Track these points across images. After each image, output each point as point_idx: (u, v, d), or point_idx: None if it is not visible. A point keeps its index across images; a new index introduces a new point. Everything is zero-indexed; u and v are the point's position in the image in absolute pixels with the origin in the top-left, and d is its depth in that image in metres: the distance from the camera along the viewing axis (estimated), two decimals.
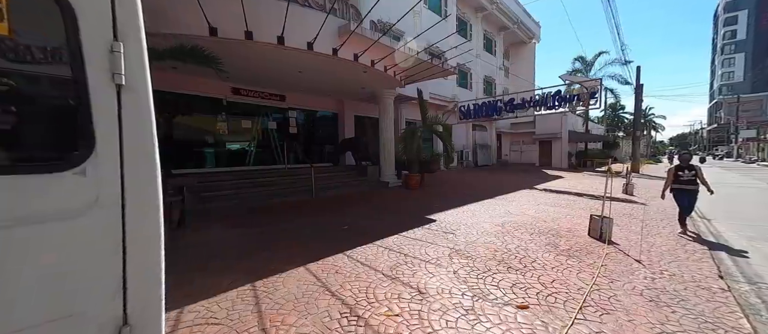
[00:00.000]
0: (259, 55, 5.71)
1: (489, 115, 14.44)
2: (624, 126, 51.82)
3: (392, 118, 9.90)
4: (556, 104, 12.14)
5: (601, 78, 11.65)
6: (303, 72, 7.03)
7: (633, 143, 19.90)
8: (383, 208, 6.54)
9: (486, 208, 6.55)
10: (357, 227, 4.88)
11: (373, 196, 8.01)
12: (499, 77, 22.03)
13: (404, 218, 5.50)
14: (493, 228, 4.84)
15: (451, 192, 8.84)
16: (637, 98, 19.67)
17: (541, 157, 22.77)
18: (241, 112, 8.61)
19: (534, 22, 24.69)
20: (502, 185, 10.57)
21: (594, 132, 31.36)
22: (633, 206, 7.06)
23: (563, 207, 6.78)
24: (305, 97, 10.02)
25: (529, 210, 6.37)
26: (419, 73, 7.90)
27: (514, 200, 7.71)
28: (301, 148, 10.56)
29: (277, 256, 3.51)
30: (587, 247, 4.01)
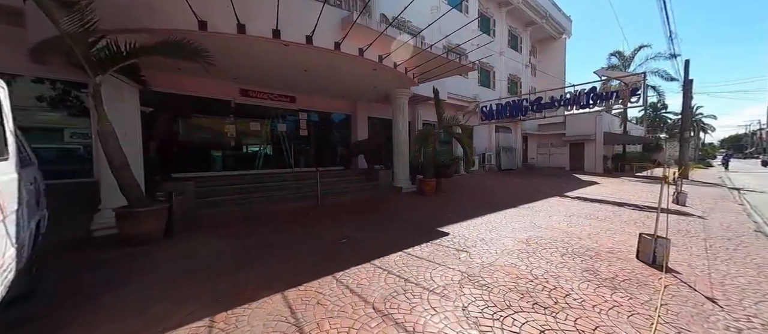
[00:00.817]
0: (259, 53, 5.40)
1: (513, 115, 13.42)
2: (667, 127, 47.41)
3: (406, 119, 9.33)
4: (591, 102, 10.94)
5: (645, 73, 10.29)
6: (308, 71, 6.67)
7: (681, 145, 17.80)
8: (391, 217, 5.98)
9: (508, 219, 5.78)
10: (357, 239, 4.36)
11: (384, 202, 7.47)
12: (525, 76, 20.73)
13: (412, 230, 4.91)
14: (515, 246, 4.12)
15: (470, 199, 8.08)
16: (686, 95, 17.56)
17: (573, 160, 21.12)
18: (250, 114, 8.44)
19: (564, 16, 23.08)
20: (527, 192, 9.61)
21: (633, 133, 28.80)
22: (689, 221, 5.96)
23: (601, 220, 5.84)
24: (316, 99, 9.72)
25: (559, 223, 5.52)
26: (434, 70, 7.28)
27: (542, 209, 6.83)
28: (312, 152, 10.25)
29: (256, 276, 3.06)
30: (638, 275, 3.21)
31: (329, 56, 5.27)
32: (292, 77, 7.32)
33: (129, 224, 3.61)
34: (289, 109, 9.28)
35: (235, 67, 6.38)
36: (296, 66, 6.26)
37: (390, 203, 7.41)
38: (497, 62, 17.80)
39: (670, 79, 22.60)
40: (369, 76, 7.21)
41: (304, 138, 9.80)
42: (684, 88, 18.08)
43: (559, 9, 22.29)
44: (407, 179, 9.22)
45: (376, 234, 4.63)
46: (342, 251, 3.87)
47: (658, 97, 27.12)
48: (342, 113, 10.85)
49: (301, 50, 5.16)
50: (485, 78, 17.22)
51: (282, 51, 5.30)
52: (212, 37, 4.44)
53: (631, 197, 9.01)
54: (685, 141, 17.75)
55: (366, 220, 5.69)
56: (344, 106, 10.67)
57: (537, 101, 12.64)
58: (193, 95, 7.15)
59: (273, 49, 5.13)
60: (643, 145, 29.91)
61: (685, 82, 18.10)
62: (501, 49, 18.16)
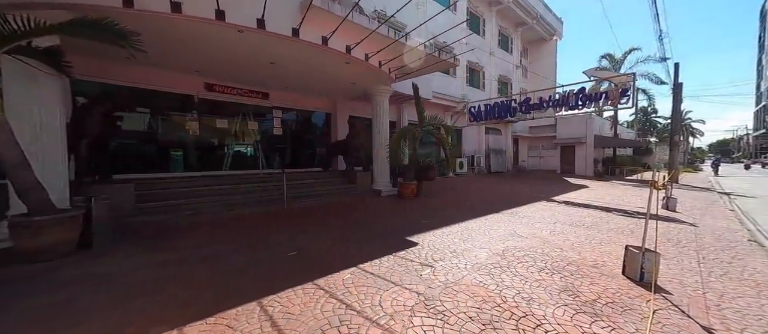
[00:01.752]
0: (214, 40, 4.87)
1: (501, 116, 13.07)
2: (657, 131, 48.04)
3: (387, 118, 8.86)
4: (580, 104, 10.64)
5: (635, 73, 10.04)
6: (276, 63, 6.15)
7: (671, 149, 17.75)
8: (361, 224, 5.48)
9: (487, 226, 5.34)
10: (310, 251, 3.85)
11: (357, 207, 6.97)
12: (515, 77, 20.50)
13: (379, 240, 4.42)
14: (489, 259, 3.66)
15: (452, 204, 7.64)
16: (676, 98, 17.55)
17: (563, 163, 20.95)
18: (217, 110, 7.86)
19: (555, 17, 22.98)
20: (513, 196, 9.23)
21: (623, 137, 28.91)
22: (679, 228, 5.60)
23: (587, 227, 5.44)
24: (292, 96, 9.19)
25: (542, 230, 5.10)
26: (413, 65, 6.82)
27: (526, 215, 6.42)
28: (288, 152, 9.71)
29: (159, 304, 2.49)
30: (623, 297, 2.77)
31: (288, 44, 4.77)
32: (261, 71, 6.79)
33: (24, 235, 3.02)
34: (262, 106, 8.72)
35: (195, 58, 5.83)
36: (260, 57, 5.74)
37: (364, 208, 6.92)
38: (487, 62, 17.51)
39: (659, 83, 22.75)
40: (343, 71, 6.73)
41: (279, 137, 9.25)
42: (674, 91, 18.07)
43: (550, 10, 22.19)
44: (387, 181, 8.74)
45: (336, 245, 4.12)
46: (287, 266, 3.36)
47: (649, 100, 27.24)
48: (322, 112, 10.34)
49: (256, 37, 4.64)
50: (474, 78, 16.89)
51: (239, 39, 4.79)
52: (149, 19, 3.90)
53: (621, 202, 8.69)
54: (675, 145, 17.68)
55: (331, 227, 5.18)
56: (324, 104, 10.16)
57: (525, 102, 12.31)
58: (149, 88, 6.55)
59: (228, 37, 4.61)
60: (634, 148, 30.07)
61: (674, 85, 18.10)
62: (491, 49, 17.88)
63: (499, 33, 18.97)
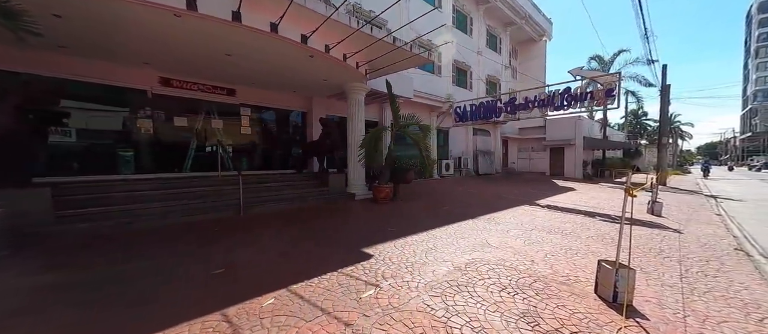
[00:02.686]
0: (147, 26, 4.36)
1: (486, 117, 12.76)
2: (647, 134, 48.68)
3: (362, 118, 8.41)
4: (565, 104, 10.37)
5: (620, 72, 9.80)
6: (232, 55, 5.66)
7: (659, 151, 17.73)
8: (318, 232, 5.01)
9: (458, 234, 4.93)
10: (243, 268, 3.37)
11: (323, 213, 6.50)
12: (504, 77, 20.29)
13: (329, 252, 3.97)
14: (447, 275, 3.24)
15: (427, 209, 7.22)
16: (663, 99, 17.56)
17: (553, 165, 20.80)
18: (175, 107, 7.31)
19: (545, 18, 22.90)
20: (495, 200, 8.87)
21: (613, 139, 29.02)
22: (663, 235, 5.27)
23: (566, 235, 5.07)
24: (261, 93, 8.68)
25: (516, 239, 4.70)
26: (382, 59, 6.39)
27: (503, 221, 6.04)
28: (259, 153, 9.19)
29: None
30: (591, 323, 2.37)
31: (228, 30, 4.26)
32: (219, 64, 6.29)
33: None
34: (228, 103, 8.20)
35: (139, 48, 5.30)
36: (211, 47, 5.24)
37: (331, 214, 6.45)
38: (474, 62, 17.22)
39: (648, 85, 22.84)
40: (309, 66, 6.27)
41: (247, 137, 8.73)
42: (662, 93, 18.08)
43: (540, 10, 22.08)
44: (363, 184, 8.29)
45: (278, 259, 3.65)
46: (202, 289, 2.87)
47: (638, 102, 27.38)
48: (297, 111, 9.85)
49: (197, 22, 4.16)
50: (461, 78, 16.58)
51: (180, 25, 4.29)
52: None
53: (605, 205, 8.40)
54: (663, 147, 17.66)
55: (283, 237, 4.69)
56: (298, 102, 9.67)
57: (511, 102, 12.01)
58: (90, 81, 5.97)
59: (166, 21, 4.10)
60: (624, 150, 30.22)
61: (662, 87, 18.11)
62: (478, 48, 17.61)
63: (487, 32, 18.74)
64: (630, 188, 2.78)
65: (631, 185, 2.92)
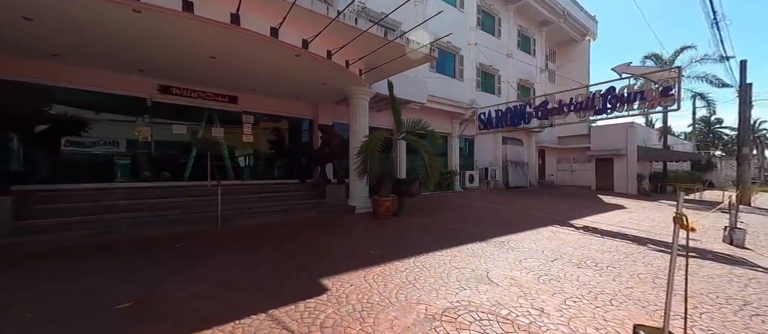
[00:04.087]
0: (114, 26, 4.22)
1: (514, 123, 11.47)
2: (723, 144, 41.94)
3: (366, 124, 7.83)
4: (608, 107, 8.83)
5: (681, 67, 8.13)
6: (216, 57, 5.44)
7: (739, 163, 14.75)
8: (284, 253, 4.36)
9: (452, 263, 4.01)
10: (155, 300, 2.80)
11: (308, 228, 5.91)
12: (539, 81, 18.59)
13: (279, 281, 3.33)
14: (408, 330, 2.41)
15: (433, 227, 6.32)
16: (743, 102, 14.68)
17: (599, 178, 18.36)
18: (175, 115, 7.35)
19: (588, 15, 20.82)
20: (520, 218, 7.65)
21: (677, 149, 25.19)
22: (747, 277, 3.86)
23: (601, 270, 3.90)
24: (265, 100, 8.52)
25: (526, 274, 3.67)
26: (378, 57, 5.76)
27: (519, 246, 4.95)
28: (261, 161, 9.00)
29: None
30: None
31: (181, 22, 3.94)
32: (215, 70, 6.15)
33: None
34: (230, 110, 8.13)
35: (123, 54, 5.29)
36: (190, 48, 5.04)
37: (316, 229, 5.83)
38: (503, 65, 15.94)
39: (721, 85, 19.31)
40: (299, 67, 5.86)
41: (250, 145, 8.57)
42: (740, 93, 15.17)
43: (581, 8, 20.11)
44: (365, 196, 7.62)
45: (208, 290, 3.02)
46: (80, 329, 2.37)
47: (709, 107, 23.36)
48: (302, 118, 9.57)
49: (156, 18, 3.89)
50: (488, 82, 15.38)
51: (141, 22, 4.07)
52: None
53: (664, 230, 6.76)
54: (744, 158, 14.64)
55: (239, 259, 4.14)
56: (303, 109, 9.40)
57: (542, 106, 10.63)
58: (85, 89, 6.11)
59: (119, 17, 3.87)
60: (692, 163, 25.99)
61: (741, 86, 15.21)
62: (508, 50, 16.31)
63: (518, 33, 17.37)
64: (680, 216, 1.77)
65: (693, 202, 1.91)
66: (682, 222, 1.78)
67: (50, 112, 5.97)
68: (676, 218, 1.81)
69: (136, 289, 3.02)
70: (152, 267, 3.64)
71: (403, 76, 10.33)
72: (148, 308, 2.64)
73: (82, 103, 6.28)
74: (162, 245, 4.51)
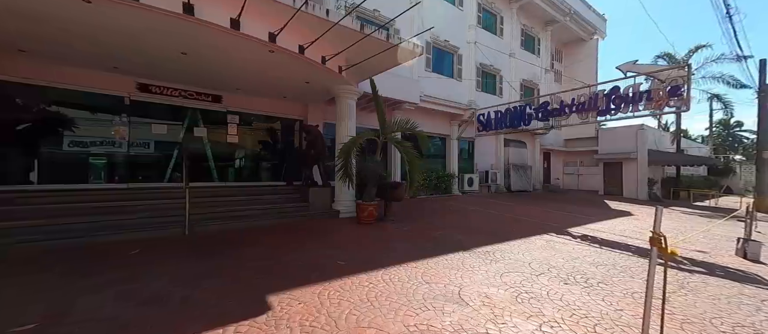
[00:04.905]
0: (79, 19, 4.03)
1: (514, 125, 11.04)
2: (743, 148, 40.31)
3: (353, 124, 7.55)
4: (612, 107, 8.35)
5: (690, 64, 7.63)
6: (188, 54, 5.24)
7: (758, 169, 13.96)
8: (240, 264, 4.07)
9: (423, 277, 3.68)
10: (65, 325, 2.53)
11: (282, 234, 5.62)
12: (544, 82, 18.04)
13: (216, 300, 3.04)
14: None
15: (414, 234, 5.97)
16: (762, 103, 13.91)
17: (607, 183, 17.67)
18: (155, 114, 7.19)
19: (596, 14, 20.19)
20: (514, 225, 7.24)
21: (692, 153, 24.20)
22: (756, 297, 3.44)
23: (590, 287, 3.51)
24: (250, 99, 8.32)
25: (504, 292, 3.31)
26: (356, 51, 5.46)
27: (505, 257, 4.57)
28: (246, 163, 8.79)
29: None
30: None
31: (135, 13, 3.71)
32: (185, 66, 5.90)
33: None
34: (214, 110, 7.95)
35: (91, 48, 5.12)
36: (159, 44, 4.84)
37: (290, 236, 5.54)
38: (505, 65, 15.49)
39: (740, 86, 18.42)
40: (274, 64, 5.61)
41: (235, 146, 8.38)
42: (759, 94, 14.42)
43: (589, 6, 19.49)
44: (351, 200, 7.33)
45: (127, 311, 2.72)
46: None
47: (725, 109, 22.38)
48: (291, 118, 9.35)
49: (121, 13, 3.70)
50: (489, 83, 14.95)
51: (96, 16, 3.87)
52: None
53: (671, 240, 6.24)
54: (762, 163, 13.84)
55: (195, 269, 3.88)
56: (291, 109, 9.18)
57: (543, 107, 10.19)
58: (56, 87, 5.97)
59: (79, 6, 3.66)
60: (709, 168, 24.90)
61: (760, 87, 14.46)
62: (511, 50, 15.86)
63: (522, 32, 16.89)
64: (658, 236, 1.42)
65: (707, 209, 1.54)
66: (660, 244, 1.43)
67: (20, 109, 5.82)
68: (652, 239, 1.45)
69: (49, 306, 2.75)
70: (86, 279, 3.39)
71: (395, 75, 10.06)
72: (47, 332, 2.36)
73: (55, 100, 6.15)
74: (114, 252, 4.27)
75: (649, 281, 1.73)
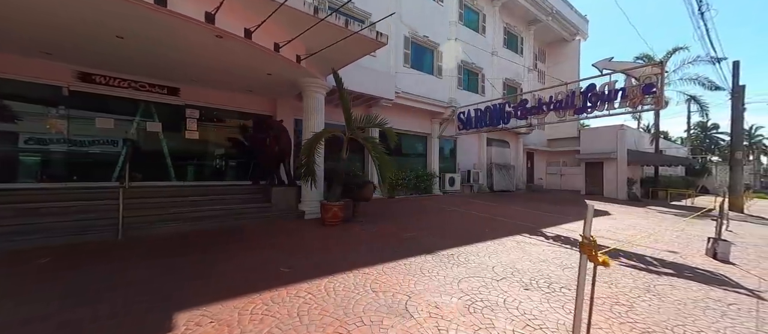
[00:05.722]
0: None
1: (494, 124, 10.89)
2: (719, 149, 41.95)
3: (321, 120, 7.18)
4: (588, 105, 8.28)
5: (663, 61, 7.63)
6: (125, 38, 4.77)
7: (731, 168, 14.37)
8: (164, 273, 3.68)
9: (373, 285, 3.37)
10: None
11: (233, 238, 5.22)
12: (527, 81, 18.09)
13: (112, 321, 2.65)
14: None
15: (383, 236, 5.66)
16: (736, 104, 14.30)
17: (589, 183, 17.85)
18: (101, 106, 6.62)
19: (578, 15, 20.43)
20: (490, 225, 7.02)
21: (671, 153, 24.87)
22: (721, 301, 3.28)
23: (551, 292, 3.28)
24: (211, 93, 7.82)
25: (457, 300, 3.04)
26: (314, 39, 5.11)
27: (470, 260, 4.31)
28: (208, 160, 8.28)
29: None
30: None
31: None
32: (130, 53, 5.38)
33: None
34: (171, 103, 7.42)
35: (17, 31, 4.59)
36: (87, 25, 4.36)
37: (239, 240, 5.14)
38: (488, 63, 15.41)
39: (714, 88, 18.95)
40: (225, 51, 5.19)
41: (196, 142, 7.86)
42: (733, 95, 14.82)
43: (571, 6, 19.70)
44: (318, 200, 6.94)
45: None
46: None
47: (701, 111, 23.03)
48: (259, 114, 8.86)
49: None
50: (471, 81, 14.83)
51: None
52: None
53: (644, 241, 6.16)
54: (736, 163, 14.22)
55: (109, 281, 3.45)
56: (259, 104, 8.72)
57: (521, 105, 10.07)
58: None
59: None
60: (687, 168, 25.66)
61: (733, 89, 14.87)
62: (493, 48, 15.80)
63: (505, 31, 16.88)
64: (588, 243, 1.14)
65: (684, 208, 1.31)
66: (591, 252, 1.16)
67: None
68: (582, 246, 1.18)
69: None
70: None
71: (368, 69, 9.75)
72: None
73: None
74: (18, 261, 3.76)
75: (578, 300, 1.46)
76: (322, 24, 4.76)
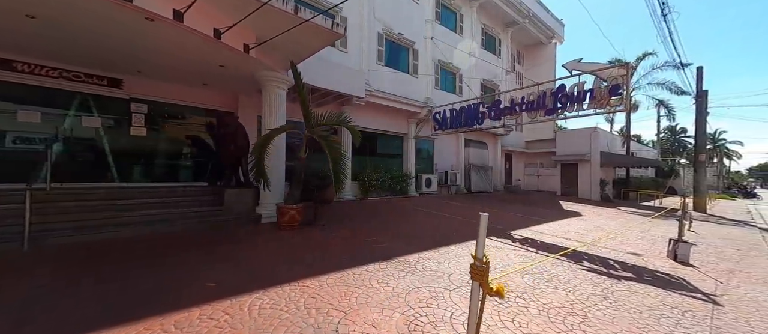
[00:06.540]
0: None
1: (468, 124, 10.79)
2: (687, 152, 44.32)
3: (282, 117, 6.75)
4: (559, 106, 8.28)
5: (629, 63, 7.70)
6: (36, 18, 4.20)
7: (695, 170, 14.98)
8: (60, 296, 3.22)
9: (303, 304, 3.03)
10: None
11: (165, 246, 4.73)
12: (505, 83, 18.23)
13: None
14: None
15: (341, 242, 5.32)
16: (700, 108, 14.94)
17: (564, 184, 18.20)
18: (27, 98, 5.93)
19: (555, 18, 20.88)
20: (456, 229, 6.81)
21: (641, 155, 25.90)
22: (678, 307, 3.15)
23: (506, 303, 3.02)
24: (159, 86, 7.21)
25: (392, 322, 2.75)
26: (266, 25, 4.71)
27: (427, 267, 4.05)
28: (162, 159, 7.66)
29: None
30: None
31: None
32: (19, 29, 4.66)
33: None
34: (113, 96, 6.77)
35: None
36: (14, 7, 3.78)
37: (170, 248, 4.67)
38: (465, 64, 15.37)
39: (680, 93, 19.90)
40: (159, 36, 4.68)
41: (143, 140, 7.22)
42: (697, 100, 15.47)
43: (548, 10, 20.10)
44: (275, 203, 6.49)
45: None
46: None
47: (669, 115, 24.14)
48: (218, 109, 8.29)
49: None
50: (448, 80, 14.75)
51: None
52: None
53: (610, 243, 6.13)
54: (700, 165, 14.85)
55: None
56: (217, 99, 8.17)
57: (495, 105, 10.01)
58: None
59: None
60: (657, 170, 26.85)
61: (697, 93, 15.51)
62: (471, 49, 15.79)
63: (482, 32, 16.94)
64: (479, 267, 0.95)
65: (652, 209, 1.07)
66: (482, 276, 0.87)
67: None
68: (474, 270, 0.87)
69: None
70: None
71: (338, 65, 9.40)
72: None
73: None
74: None
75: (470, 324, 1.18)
76: (270, 10, 4.38)
